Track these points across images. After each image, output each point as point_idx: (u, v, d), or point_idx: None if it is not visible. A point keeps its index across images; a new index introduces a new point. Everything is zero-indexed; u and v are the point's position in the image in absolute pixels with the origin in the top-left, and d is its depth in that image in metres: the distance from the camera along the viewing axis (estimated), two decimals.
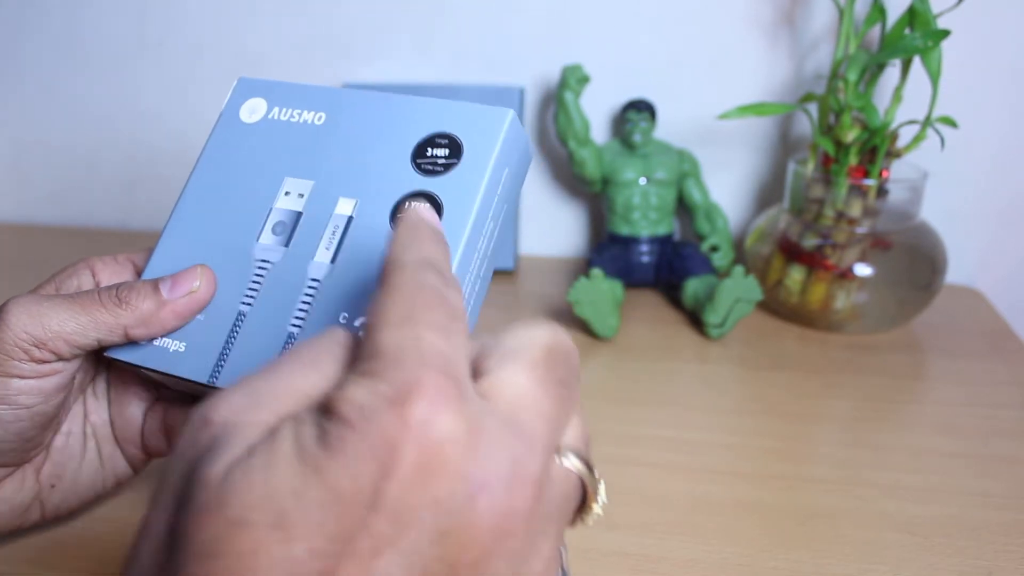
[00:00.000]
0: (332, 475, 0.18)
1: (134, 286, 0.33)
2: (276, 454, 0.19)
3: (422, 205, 0.26)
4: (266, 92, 0.37)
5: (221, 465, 0.19)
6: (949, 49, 0.62)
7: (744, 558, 0.39)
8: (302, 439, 0.19)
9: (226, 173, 0.36)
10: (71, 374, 0.33)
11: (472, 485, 0.19)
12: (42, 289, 0.35)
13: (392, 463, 0.18)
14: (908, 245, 0.61)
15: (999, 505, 0.43)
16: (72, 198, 0.84)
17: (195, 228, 0.36)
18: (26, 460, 0.35)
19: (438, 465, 0.19)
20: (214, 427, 0.20)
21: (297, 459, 0.18)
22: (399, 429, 0.18)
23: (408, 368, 0.19)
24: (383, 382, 0.19)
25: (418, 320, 0.21)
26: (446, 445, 0.19)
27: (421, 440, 0.18)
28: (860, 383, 0.55)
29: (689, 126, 0.72)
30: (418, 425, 0.18)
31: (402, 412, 0.18)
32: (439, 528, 0.19)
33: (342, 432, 0.18)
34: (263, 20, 0.75)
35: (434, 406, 0.19)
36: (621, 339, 0.61)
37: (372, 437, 0.18)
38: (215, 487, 0.18)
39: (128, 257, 0.37)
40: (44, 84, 0.80)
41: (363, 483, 0.18)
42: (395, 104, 0.35)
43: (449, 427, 0.19)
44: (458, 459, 0.19)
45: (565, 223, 0.78)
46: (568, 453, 0.23)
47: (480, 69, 0.73)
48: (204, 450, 0.20)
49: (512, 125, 0.33)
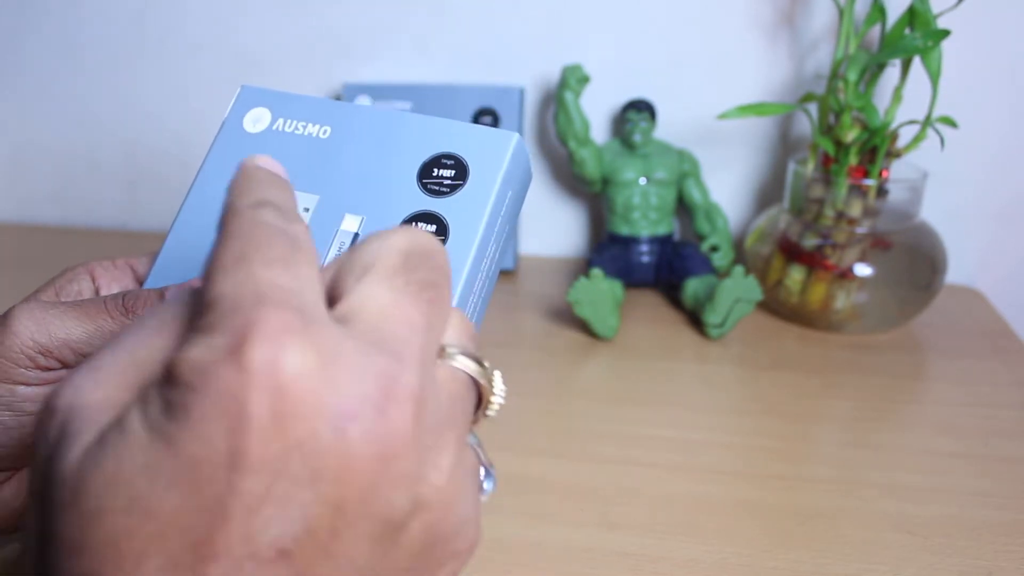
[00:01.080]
0: (183, 445, 0.17)
1: (140, 295, 0.33)
2: (125, 434, 0.18)
3: (262, 157, 0.24)
4: (270, 102, 0.37)
5: (73, 456, 0.18)
6: (949, 49, 0.62)
7: (744, 558, 0.39)
8: (149, 414, 0.18)
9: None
10: None
11: (337, 417, 0.18)
12: (42, 294, 0.34)
13: (242, 417, 0.17)
14: (908, 245, 0.61)
15: (999, 505, 0.43)
16: (72, 198, 0.84)
17: (197, 238, 0.36)
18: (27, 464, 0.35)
19: (292, 406, 0.17)
20: (59, 414, 0.19)
21: (146, 435, 0.17)
22: (240, 379, 0.17)
23: (243, 311, 0.18)
24: (218, 333, 0.18)
25: (252, 258, 0.19)
26: (297, 382, 0.17)
27: (267, 385, 0.17)
28: (860, 383, 0.55)
29: (689, 126, 0.72)
30: (260, 370, 0.17)
31: (240, 360, 0.17)
32: (311, 471, 0.18)
33: (185, 397, 0.17)
34: (263, 20, 0.75)
35: (275, 344, 0.17)
36: (621, 339, 0.61)
37: (215, 395, 0.17)
38: (70, 481, 0.18)
39: (127, 262, 0.36)
40: (44, 84, 0.80)
41: (217, 446, 0.17)
42: (401, 121, 0.35)
43: (296, 362, 0.17)
44: (314, 393, 0.18)
45: (565, 223, 0.78)
46: (452, 353, 0.22)
47: (480, 69, 0.73)
48: (55, 442, 0.18)
49: (517, 148, 0.34)
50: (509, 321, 0.64)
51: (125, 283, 0.36)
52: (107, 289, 0.35)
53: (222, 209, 0.21)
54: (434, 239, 0.23)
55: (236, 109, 0.38)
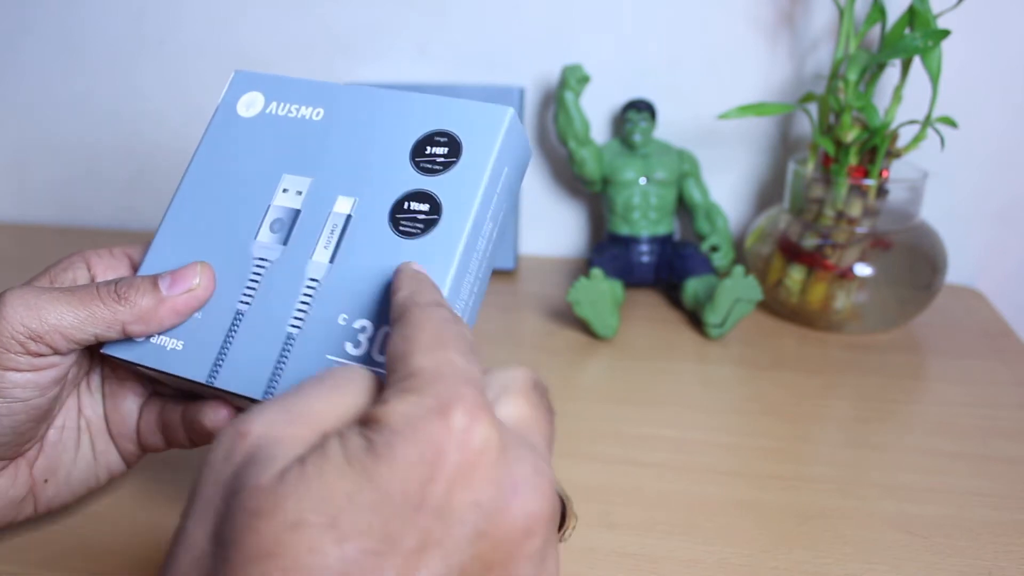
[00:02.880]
0: (382, 478, 0.20)
1: (133, 282, 0.33)
2: (327, 461, 0.20)
3: (414, 265, 0.30)
4: (263, 86, 0.37)
5: (271, 473, 0.20)
6: (949, 49, 0.62)
7: (744, 558, 0.39)
8: (349, 448, 0.20)
9: (223, 168, 0.36)
10: (67, 368, 0.33)
11: (506, 488, 0.21)
12: (36, 281, 0.34)
13: (438, 466, 0.20)
14: (908, 245, 0.61)
15: (999, 505, 0.43)
16: (73, 197, 0.84)
17: (192, 223, 0.35)
18: (20, 454, 0.35)
19: (478, 469, 0.21)
20: (252, 438, 0.21)
21: (348, 465, 0.20)
22: (444, 435, 0.20)
23: (448, 383, 0.21)
24: (426, 396, 0.21)
25: (448, 346, 0.23)
26: (485, 452, 0.21)
27: (463, 445, 0.20)
28: (860, 383, 0.55)
29: (689, 126, 0.72)
30: (460, 431, 0.20)
31: (446, 420, 0.20)
32: (478, 528, 0.20)
33: (390, 439, 0.20)
34: (263, 20, 0.75)
35: (474, 416, 0.21)
36: (621, 339, 0.61)
37: (420, 442, 0.20)
38: (268, 493, 0.20)
39: (124, 251, 0.36)
40: (44, 83, 0.80)
41: (411, 485, 0.20)
42: (394, 100, 0.35)
43: (486, 434, 0.21)
44: (495, 464, 0.21)
45: (565, 223, 0.78)
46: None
47: (480, 69, 0.73)
48: (245, 461, 0.21)
49: (512, 123, 0.33)
50: (509, 321, 0.64)
51: (120, 271, 0.36)
52: (102, 277, 0.35)
53: (398, 300, 0.27)
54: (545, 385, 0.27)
55: (230, 94, 0.37)
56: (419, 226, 0.32)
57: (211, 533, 0.20)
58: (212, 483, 0.21)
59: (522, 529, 0.21)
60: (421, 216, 0.32)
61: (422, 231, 0.32)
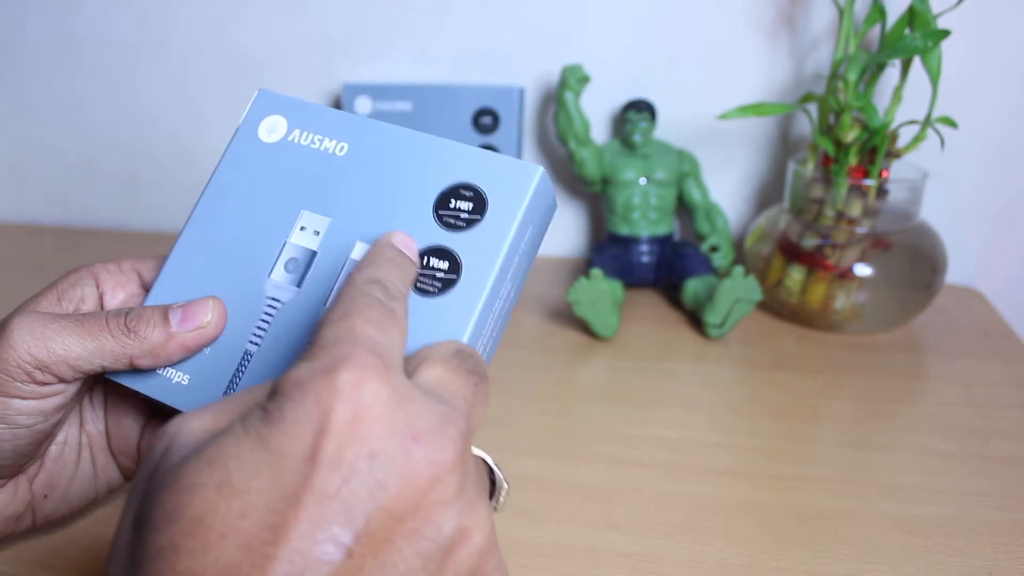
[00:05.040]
0: (273, 439, 0.21)
1: (143, 314, 0.32)
2: (226, 435, 0.21)
3: (399, 235, 0.30)
4: (287, 110, 0.36)
5: (176, 457, 0.21)
6: (949, 49, 0.62)
7: (744, 558, 0.39)
8: (248, 421, 0.21)
9: (241, 194, 0.35)
10: (71, 395, 0.33)
11: (404, 439, 0.21)
12: (43, 298, 0.34)
13: (326, 421, 0.21)
14: (908, 245, 0.61)
15: (999, 505, 0.43)
16: (72, 198, 0.84)
17: (206, 251, 0.34)
18: (20, 472, 0.35)
19: (369, 421, 0.21)
20: (168, 436, 0.23)
21: (244, 433, 0.21)
22: (330, 392, 0.21)
23: (341, 347, 0.22)
24: (316, 360, 0.22)
25: (353, 315, 0.24)
26: (375, 405, 0.21)
27: (351, 401, 0.21)
28: (860, 383, 0.55)
29: (689, 126, 0.72)
30: (347, 387, 0.21)
31: (332, 379, 0.21)
32: (376, 479, 0.21)
33: (281, 404, 0.21)
34: (263, 20, 0.75)
35: (362, 374, 0.21)
36: (621, 339, 0.61)
37: (307, 401, 0.21)
38: (173, 468, 0.21)
39: (133, 266, 0.36)
40: (44, 84, 0.80)
41: (301, 442, 0.21)
42: (423, 144, 0.33)
43: (375, 389, 0.21)
44: (388, 416, 0.21)
45: (565, 223, 0.78)
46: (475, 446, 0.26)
47: (480, 69, 0.73)
48: (162, 454, 0.22)
49: (540, 183, 0.32)
50: (509, 321, 0.64)
51: (130, 289, 0.35)
52: (111, 294, 0.35)
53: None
54: (475, 351, 0.27)
55: (252, 115, 0.36)
56: (437, 284, 0.31)
57: (133, 520, 0.21)
58: (138, 481, 0.22)
59: (427, 477, 0.21)
60: (440, 275, 0.31)
61: (439, 291, 0.31)
